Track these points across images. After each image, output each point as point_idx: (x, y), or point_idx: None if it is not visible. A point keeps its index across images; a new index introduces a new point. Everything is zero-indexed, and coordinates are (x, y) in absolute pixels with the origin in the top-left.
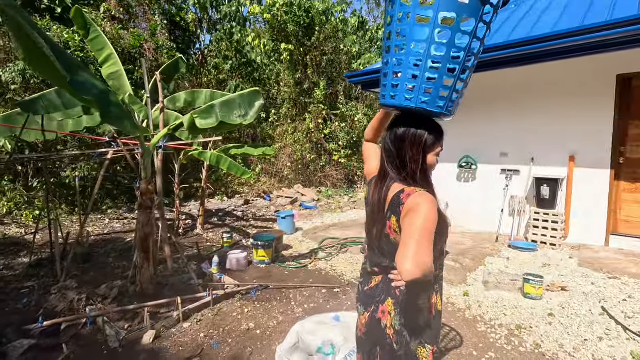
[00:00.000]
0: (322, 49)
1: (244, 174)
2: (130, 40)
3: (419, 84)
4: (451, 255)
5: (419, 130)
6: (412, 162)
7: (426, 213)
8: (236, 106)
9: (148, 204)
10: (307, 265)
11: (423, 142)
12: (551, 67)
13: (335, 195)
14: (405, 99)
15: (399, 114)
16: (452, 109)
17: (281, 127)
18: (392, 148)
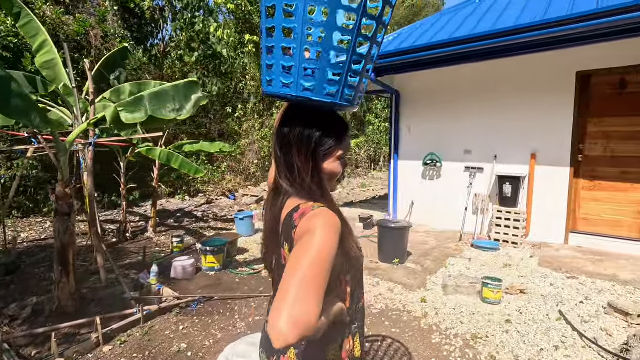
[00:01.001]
0: None
1: (197, 172)
2: (74, 27)
3: (297, 62)
4: (413, 257)
5: (307, 129)
6: (301, 171)
7: (319, 242)
8: (169, 99)
9: (65, 210)
10: (260, 271)
11: (312, 144)
12: (514, 63)
13: None
14: (282, 85)
15: (288, 106)
16: (351, 96)
17: (247, 123)
18: (279, 153)
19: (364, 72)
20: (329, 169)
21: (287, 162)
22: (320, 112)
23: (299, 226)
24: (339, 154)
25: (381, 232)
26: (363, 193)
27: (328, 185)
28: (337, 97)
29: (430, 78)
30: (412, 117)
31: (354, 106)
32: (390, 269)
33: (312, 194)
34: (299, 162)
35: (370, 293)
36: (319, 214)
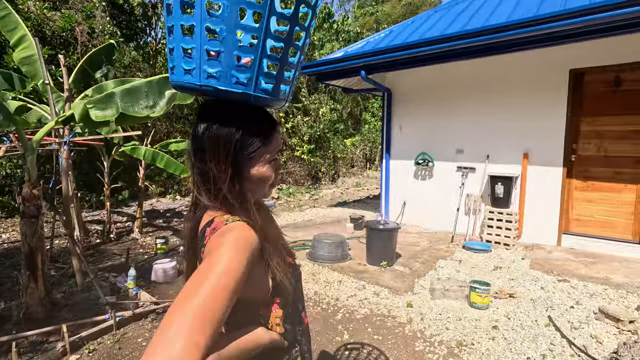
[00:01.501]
0: None
1: (183, 171)
2: (60, 23)
3: (198, 43)
4: (402, 259)
5: (224, 129)
6: (217, 180)
7: (222, 265)
8: (142, 95)
9: (33, 212)
10: None
11: (232, 147)
12: (506, 61)
13: (296, 193)
14: (184, 72)
15: (203, 103)
16: (270, 86)
17: None
18: (192, 159)
19: (285, 58)
20: (257, 175)
21: (201, 170)
22: (242, 108)
23: (208, 244)
24: (267, 156)
25: (369, 234)
26: (357, 192)
27: (259, 193)
28: (250, 87)
29: (422, 76)
30: (404, 116)
31: (279, 100)
32: (377, 271)
33: (229, 205)
34: (214, 170)
35: (355, 297)
36: (231, 229)
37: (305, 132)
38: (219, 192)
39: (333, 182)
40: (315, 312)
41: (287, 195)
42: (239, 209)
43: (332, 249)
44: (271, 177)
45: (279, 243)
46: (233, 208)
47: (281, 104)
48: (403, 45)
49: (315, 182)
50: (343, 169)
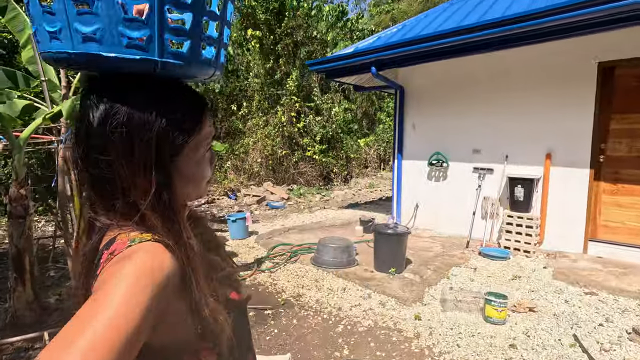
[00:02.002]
0: (293, 36)
1: None
2: None
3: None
4: (413, 266)
5: (139, 113)
6: (131, 189)
7: (114, 304)
8: None
9: (20, 212)
10: (245, 278)
11: (154, 138)
12: (528, 54)
13: (307, 194)
14: (49, 37)
15: (90, 82)
16: (185, 47)
17: (252, 121)
18: (85, 163)
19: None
20: (191, 174)
21: (100, 178)
22: (158, 83)
23: (101, 274)
24: (201, 148)
25: (377, 238)
26: (370, 194)
27: (193, 195)
28: (153, 50)
29: (436, 72)
30: (417, 114)
31: (202, 65)
32: (385, 279)
33: (147, 223)
34: (125, 176)
35: (359, 307)
36: (134, 252)
37: (317, 132)
38: (131, 206)
39: (345, 183)
40: (314, 323)
41: (297, 196)
42: (156, 225)
43: (337, 254)
44: (207, 173)
45: (216, 271)
46: (147, 223)
47: (208, 73)
48: (417, 39)
49: (327, 183)
50: (356, 169)
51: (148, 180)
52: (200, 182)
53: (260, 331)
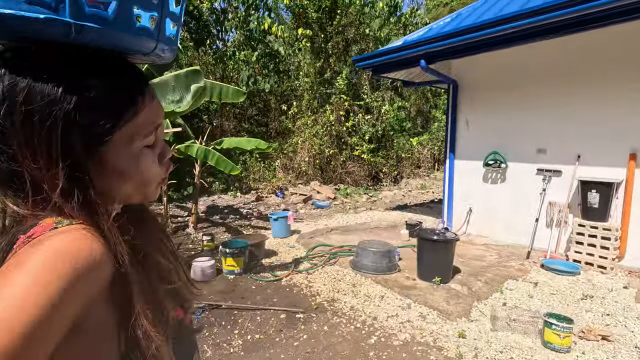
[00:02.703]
0: (344, 34)
1: (232, 169)
2: None
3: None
4: (461, 276)
5: (45, 86)
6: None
7: (16, 293)
8: (169, 89)
9: None
10: (281, 278)
11: (60, 120)
12: (605, 39)
13: (353, 194)
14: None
15: None
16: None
17: (301, 120)
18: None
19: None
20: (121, 168)
21: (4, 163)
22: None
23: (13, 256)
24: (138, 138)
25: (420, 244)
26: (421, 195)
27: (134, 197)
28: (64, 10)
29: (494, 63)
30: (472, 110)
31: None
32: (428, 288)
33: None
34: (30, 165)
35: (396, 318)
36: (56, 234)
37: (366, 131)
38: (43, 198)
39: (395, 183)
40: (346, 332)
41: (343, 196)
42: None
43: (377, 259)
44: (154, 171)
45: (162, 278)
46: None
47: (146, 46)
48: (475, 26)
49: (375, 183)
50: (407, 169)
51: (54, 172)
52: (146, 182)
53: (289, 335)
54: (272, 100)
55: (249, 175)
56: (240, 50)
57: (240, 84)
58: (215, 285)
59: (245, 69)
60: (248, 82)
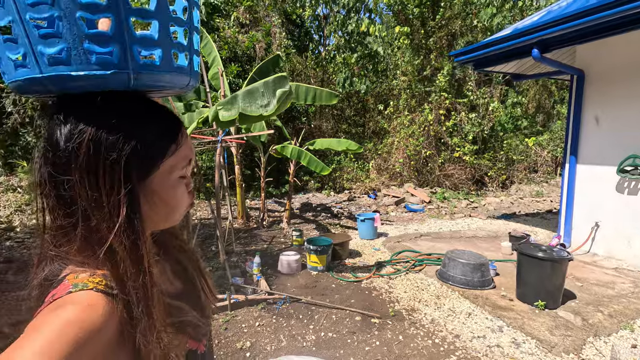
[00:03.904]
0: (448, 27)
1: (322, 169)
2: (246, 43)
3: (14, 13)
4: (575, 303)
5: (107, 132)
6: (94, 214)
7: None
8: (259, 95)
9: None
10: (361, 280)
11: (122, 159)
12: None
13: (452, 198)
14: (14, 65)
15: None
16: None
17: (396, 120)
18: (43, 181)
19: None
20: (162, 196)
21: (63, 200)
22: (126, 99)
23: (37, 316)
24: (176, 171)
25: (521, 260)
26: (534, 204)
27: (162, 224)
28: (126, 64)
29: (634, 46)
30: (602, 105)
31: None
32: (527, 312)
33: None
34: (87, 195)
35: (483, 340)
36: (68, 303)
37: (469, 131)
38: (92, 237)
39: (503, 188)
40: (422, 345)
41: (440, 200)
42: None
43: (467, 271)
44: (184, 200)
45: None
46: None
47: (183, 82)
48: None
49: (479, 188)
50: (520, 174)
51: (114, 201)
52: (175, 209)
53: (361, 339)
54: (369, 100)
55: (343, 175)
56: (340, 53)
57: (337, 86)
58: (298, 279)
59: (344, 71)
60: (344, 83)
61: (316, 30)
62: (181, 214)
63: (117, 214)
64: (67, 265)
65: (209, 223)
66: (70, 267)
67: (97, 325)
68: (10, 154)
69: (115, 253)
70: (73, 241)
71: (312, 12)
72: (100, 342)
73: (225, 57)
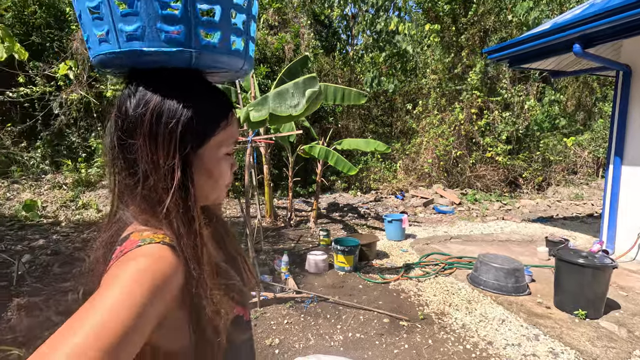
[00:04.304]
0: (481, 23)
1: (350, 170)
2: (275, 44)
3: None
4: (620, 313)
5: (168, 101)
6: (154, 176)
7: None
8: (289, 96)
9: None
10: (389, 282)
11: (179, 127)
12: None
13: (483, 200)
14: (98, 41)
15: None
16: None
17: (426, 119)
18: (114, 145)
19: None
20: (208, 167)
21: (128, 164)
22: (186, 76)
23: (109, 269)
24: (224, 147)
25: (559, 267)
26: (573, 207)
27: (212, 196)
28: (189, 41)
29: None
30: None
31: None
32: (566, 321)
33: (164, 216)
34: (148, 156)
35: (518, 348)
36: (139, 255)
37: (503, 130)
38: (151, 196)
39: (539, 190)
40: (453, 351)
41: (470, 202)
42: (170, 222)
43: (500, 276)
44: (227, 175)
45: (226, 281)
46: (165, 219)
47: (238, 64)
48: None
49: (513, 190)
50: (558, 175)
51: (170, 165)
52: (218, 182)
53: (389, 342)
54: (397, 99)
55: (370, 175)
56: (368, 52)
57: (365, 86)
58: (325, 279)
59: (371, 71)
60: (372, 83)
61: (344, 30)
62: (222, 191)
63: (172, 177)
64: (131, 224)
65: (238, 221)
66: (132, 226)
67: (168, 274)
68: (56, 153)
69: (170, 213)
70: (136, 200)
71: (341, 12)
72: (170, 293)
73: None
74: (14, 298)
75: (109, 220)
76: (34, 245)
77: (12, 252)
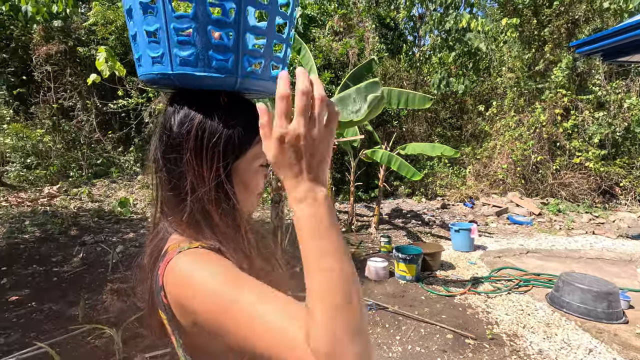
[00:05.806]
0: (569, 14)
1: (414, 175)
2: (340, 50)
3: (162, 21)
4: None
5: (210, 120)
6: (195, 187)
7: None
8: (350, 101)
9: (276, 199)
10: (455, 295)
11: (222, 143)
12: None
13: (568, 211)
14: (151, 62)
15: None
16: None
17: (500, 121)
18: (159, 159)
19: (271, 31)
20: (245, 178)
21: (173, 177)
22: (226, 96)
23: (168, 286)
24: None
25: None
26: None
27: (247, 206)
28: (237, 69)
29: None
30: None
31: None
32: None
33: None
34: (194, 177)
35: None
36: (183, 255)
37: (595, 133)
38: (195, 208)
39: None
40: None
41: (553, 213)
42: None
43: (587, 299)
44: (260, 186)
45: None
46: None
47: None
48: None
49: (606, 200)
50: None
51: (214, 177)
52: (253, 192)
53: (452, 359)
54: (468, 101)
55: (435, 181)
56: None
57: (432, 87)
58: (386, 287)
59: (439, 72)
60: (439, 84)
61: (410, 31)
62: (255, 201)
63: (217, 189)
64: (170, 234)
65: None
66: (171, 237)
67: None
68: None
69: (216, 222)
70: (176, 211)
71: (407, 14)
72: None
73: (319, 65)
74: (109, 283)
75: (153, 229)
76: (126, 237)
77: (109, 242)
